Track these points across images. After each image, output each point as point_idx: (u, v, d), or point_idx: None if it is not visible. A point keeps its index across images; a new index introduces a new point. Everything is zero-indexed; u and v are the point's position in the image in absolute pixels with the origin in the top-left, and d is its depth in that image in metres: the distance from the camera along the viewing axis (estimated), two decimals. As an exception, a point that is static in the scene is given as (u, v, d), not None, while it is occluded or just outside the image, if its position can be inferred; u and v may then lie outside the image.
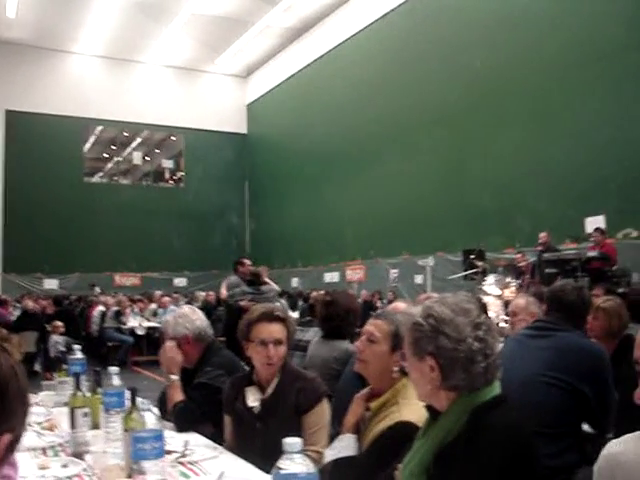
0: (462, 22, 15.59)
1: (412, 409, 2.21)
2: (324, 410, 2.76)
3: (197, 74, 25.54)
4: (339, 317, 4.14)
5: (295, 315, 12.13)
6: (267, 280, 9.43)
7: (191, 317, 3.42)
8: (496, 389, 1.76)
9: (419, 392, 1.85)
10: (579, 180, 12.51)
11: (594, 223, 11.48)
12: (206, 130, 25.12)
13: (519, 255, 11.98)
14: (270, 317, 2.81)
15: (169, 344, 3.36)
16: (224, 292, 9.56)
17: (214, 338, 3.60)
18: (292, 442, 1.43)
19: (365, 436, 2.37)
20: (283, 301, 12.50)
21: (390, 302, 14.51)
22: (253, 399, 2.77)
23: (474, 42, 15.09)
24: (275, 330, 2.78)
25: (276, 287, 9.67)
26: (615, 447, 1.48)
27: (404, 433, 2.12)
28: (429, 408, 1.85)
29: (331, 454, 2.38)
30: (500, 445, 1.63)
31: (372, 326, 2.54)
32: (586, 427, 3.12)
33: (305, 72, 22.36)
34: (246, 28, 21.56)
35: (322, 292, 13.93)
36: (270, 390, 2.77)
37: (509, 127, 14.24)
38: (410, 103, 17.10)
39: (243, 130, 26.64)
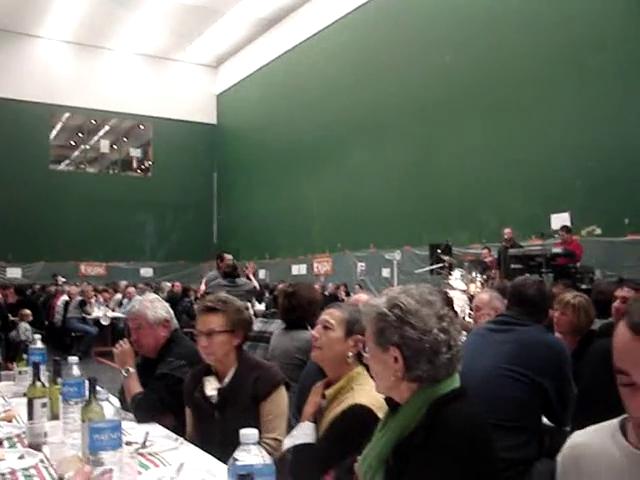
0: (432, 18, 15.65)
1: (366, 394, 2.24)
2: (281, 398, 2.78)
3: (167, 62, 25.24)
4: (301, 308, 4.18)
5: (262, 307, 12.14)
6: (250, 276, 9.45)
7: (153, 306, 3.41)
8: (456, 382, 1.77)
9: (380, 384, 1.84)
10: (545, 177, 12.65)
11: (559, 220, 11.64)
12: (175, 119, 24.85)
13: (485, 250, 12.08)
14: (206, 308, 2.83)
15: (121, 341, 3.38)
16: (202, 288, 9.49)
17: (177, 328, 3.60)
18: (248, 433, 1.42)
19: (322, 423, 2.40)
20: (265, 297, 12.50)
21: (357, 295, 14.59)
22: (211, 388, 2.78)
23: (444, 38, 15.17)
24: (208, 321, 2.79)
25: (255, 283, 9.60)
26: (579, 438, 1.49)
27: (358, 415, 2.17)
28: (388, 400, 1.85)
29: (289, 441, 2.40)
30: (458, 438, 1.64)
31: (327, 314, 2.57)
32: (545, 420, 3.16)
33: (276, 63, 22.26)
34: (217, 17, 21.39)
35: (286, 284, 13.98)
36: (227, 379, 2.78)
37: (477, 123, 14.33)
38: (379, 97, 17.12)
39: (213, 120, 26.45)
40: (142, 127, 25.85)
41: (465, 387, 1.79)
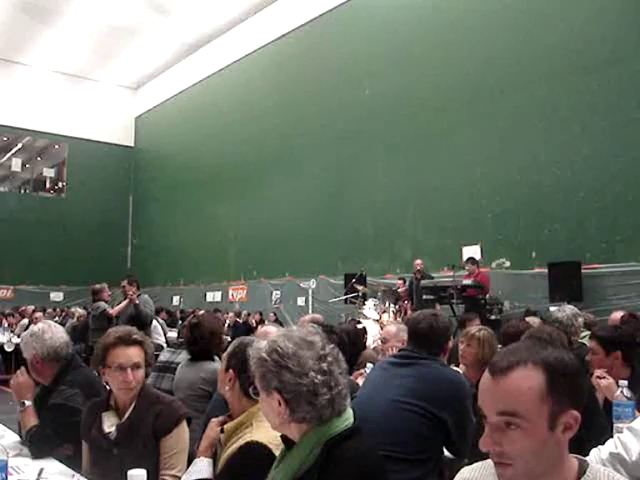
0: (351, 50, 15.93)
1: (265, 431, 2.21)
2: (182, 433, 2.72)
3: (85, 82, 24.76)
4: (203, 339, 4.14)
5: (174, 334, 11.89)
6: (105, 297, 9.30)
7: (42, 336, 3.31)
8: (348, 419, 1.80)
9: (271, 424, 1.87)
10: (457, 210, 12.99)
11: (470, 252, 11.94)
12: (92, 140, 24.39)
13: (399, 281, 12.26)
14: (127, 341, 2.74)
15: (19, 372, 3.26)
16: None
17: (74, 355, 3.48)
18: (136, 474, 1.39)
19: (220, 459, 2.36)
20: (160, 320, 12.18)
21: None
22: (109, 424, 2.70)
23: (364, 71, 15.46)
24: (133, 354, 2.72)
25: (104, 305, 9.28)
26: (465, 474, 1.55)
27: (254, 453, 2.15)
28: (284, 438, 1.86)
29: (186, 479, 2.35)
30: (351, 476, 1.66)
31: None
32: (446, 452, 3.20)
33: (196, 88, 22.19)
34: (138, 39, 21.21)
35: (200, 313, 13.76)
36: (127, 415, 2.70)
37: (391, 154, 14.63)
38: (297, 126, 17.28)
39: (130, 143, 26.06)
40: (57, 147, 25.22)
41: (359, 424, 1.81)
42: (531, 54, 12.16)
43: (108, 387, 2.88)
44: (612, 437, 2.16)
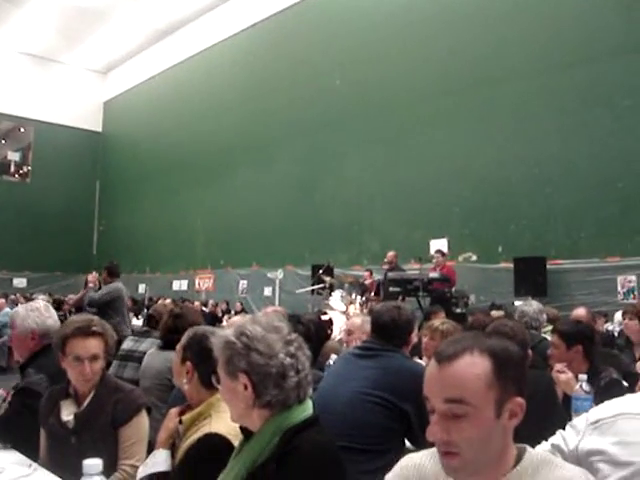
0: (323, 41, 15.92)
1: (224, 422, 2.19)
2: (142, 423, 2.70)
3: (53, 64, 24.36)
4: (184, 330, 4.05)
5: (139, 323, 11.79)
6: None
7: (44, 313, 3.34)
8: (308, 410, 1.81)
9: (232, 413, 1.86)
10: (425, 203, 13.07)
11: (438, 245, 12.02)
12: (58, 124, 24.05)
13: (366, 273, 12.28)
14: (86, 332, 2.69)
15: None
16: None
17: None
18: (91, 464, 1.37)
19: (179, 450, 2.33)
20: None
21: (237, 313, 14.50)
22: (68, 413, 2.66)
23: (334, 61, 15.47)
24: (92, 345, 2.67)
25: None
26: (410, 460, 1.55)
27: (212, 444, 2.14)
28: (243, 429, 1.86)
29: (143, 470, 2.31)
30: (308, 466, 1.68)
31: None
32: (408, 444, 3.21)
33: (166, 75, 21.98)
34: (108, 22, 20.91)
35: (166, 302, 13.66)
36: (85, 403, 2.66)
37: (362, 147, 14.67)
38: (268, 116, 17.22)
39: (98, 128, 25.76)
40: (22, 130, 24.76)
41: (319, 415, 1.82)
42: (502, 52, 12.27)
43: None
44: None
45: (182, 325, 4.04)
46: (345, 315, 10.03)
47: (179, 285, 20.05)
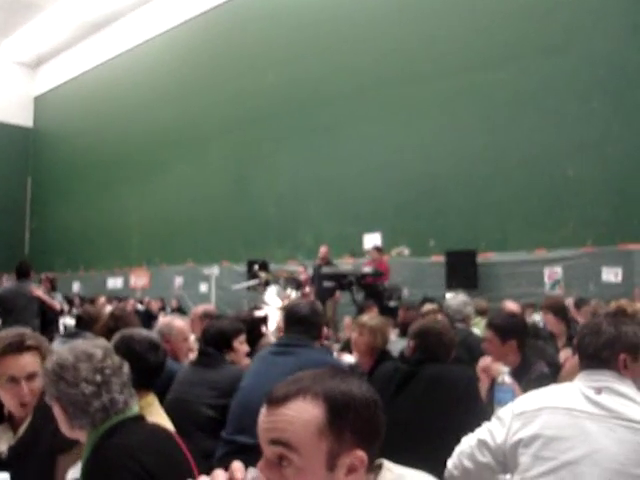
0: (255, 36, 15.86)
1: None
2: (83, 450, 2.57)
3: (-22, 57, 23.54)
4: None
5: (72, 322, 11.55)
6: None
7: None
8: (113, 421, 1.95)
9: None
10: (358, 198, 13.18)
11: (371, 240, 12.14)
12: (-15, 119, 23.28)
13: (301, 268, 12.31)
14: (19, 347, 2.38)
15: None
16: None
17: None
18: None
19: None
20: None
21: (173, 310, 14.37)
22: (2, 442, 2.40)
23: (266, 56, 15.44)
24: (27, 362, 2.37)
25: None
26: None
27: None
28: None
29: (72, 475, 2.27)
30: (107, 464, 1.84)
31: None
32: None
33: (100, 69, 21.49)
34: (38, 14, 20.27)
35: (101, 300, 13.45)
36: (21, 431, 2.38)
37: (295, 141, 14.72)
38: (202, 111, 17.07)
39: (29, 123, 24.98)
40: (-55, 125, 23.90)
41: (122, 423, 1.96)
42: (431, 48, 12.48)
43: None
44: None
45: (122, 326, 3.95)
46: (280, 311, 10.05)
47: (114, 283, 19.70)
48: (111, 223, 19.86)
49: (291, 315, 3.50)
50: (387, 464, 1.36)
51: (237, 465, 1.11)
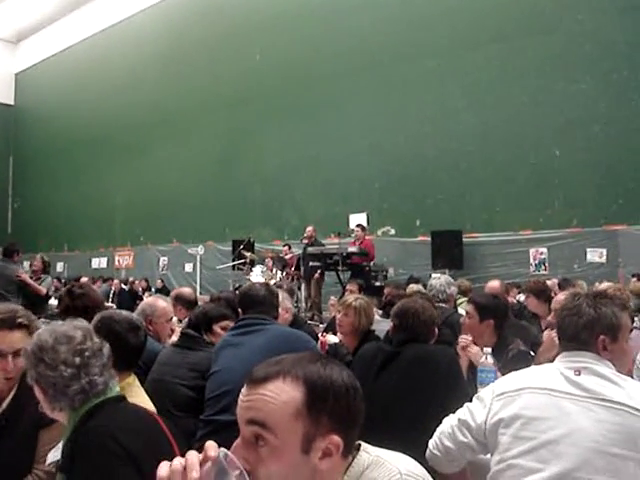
0: (244, 15, 15.74)
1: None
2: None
3: (-43, 32, 23.18)
4: (84, 309, 3.90)
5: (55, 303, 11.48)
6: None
7: None
8: (92, 404, 1.96)
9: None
10: (344, 178, 13.17)
11: (357, 220, 12.13)
12: (-34, 97, 22.98)
13: (285, 247, 12.31)
14: (11, 324, 2.45)
15: None
16: None
17: None
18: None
19: None
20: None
21: (158, 290, 14.32)
22: None
23: (254, 36, 15.32)
24: (16, 339, 2.42)
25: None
26: None
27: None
28: None
29: (53, 455, 2.26)
30: (89, 443, 1.85)
31: None
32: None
33: (83, 45, 21.24)
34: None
35: (85, 280, 13.37)
36: (5, 404, 2.44)
37: (281, 122, 14.65)
38: (188, 90, 16.96)
39: (10, 100, 24.70)
40: None
41: (102, 404, 1.98)
42: (417, 30, 12.44)
43: None
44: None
45: (83, 304, 3.88)
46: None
47: (98, 263, 19.63)
48: (95, 202, 19.71)
49: (249, 297, 3.58)
50: (364, 445, 1.36)
51: (210, 443, 1.11)
